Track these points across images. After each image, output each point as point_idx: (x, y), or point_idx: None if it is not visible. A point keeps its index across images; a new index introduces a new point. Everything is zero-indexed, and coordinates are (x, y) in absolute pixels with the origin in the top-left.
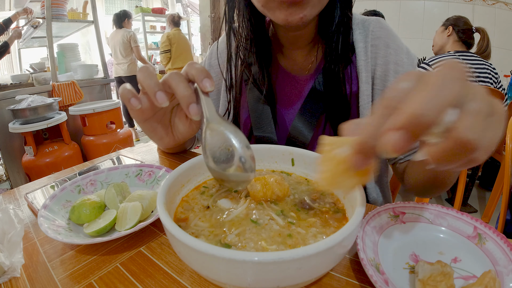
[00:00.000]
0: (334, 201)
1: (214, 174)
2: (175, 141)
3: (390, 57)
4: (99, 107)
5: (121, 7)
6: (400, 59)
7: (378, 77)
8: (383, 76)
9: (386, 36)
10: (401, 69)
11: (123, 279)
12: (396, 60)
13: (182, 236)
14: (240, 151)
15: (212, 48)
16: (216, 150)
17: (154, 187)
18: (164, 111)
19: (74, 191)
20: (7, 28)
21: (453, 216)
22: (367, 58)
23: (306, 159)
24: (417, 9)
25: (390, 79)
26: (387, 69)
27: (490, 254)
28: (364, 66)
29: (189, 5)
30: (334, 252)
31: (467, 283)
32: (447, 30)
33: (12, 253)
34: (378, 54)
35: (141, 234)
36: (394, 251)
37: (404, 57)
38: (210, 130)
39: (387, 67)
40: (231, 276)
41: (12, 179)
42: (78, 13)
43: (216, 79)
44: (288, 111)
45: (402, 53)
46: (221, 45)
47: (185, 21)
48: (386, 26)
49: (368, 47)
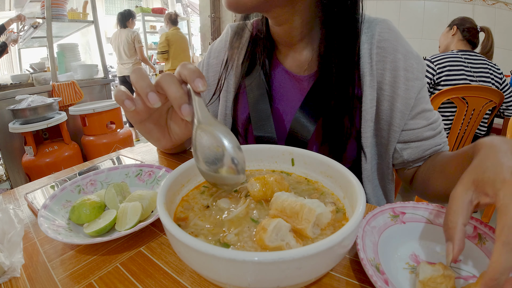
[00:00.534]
0: (334, 201)
1: (204, 175)
2: (172, 142)
3: (399, 62)
4: (99, 107)
5: (121, 7)
6: (410, 64)
7: (387, 83)
8: (392, 82)
9: (395, 39)
10: (411, 75)
11: (123, 279)
12: (406, 66)
13: (182, 236)
14: (231, 151)
15: (211, 47)
16: (206, 151)
17: (154, 187)
18: (159, 113)
19: (74, 191)
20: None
21: None
22: (372, 61)
23: (306, 159)
24: (417, 9)
25: (400, 86)
26: (396, 75)
27: (490, 254)
28: (368, 70)
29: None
30: (334, 252)
31: (466, 283)
32: (452, 30)
33: (12, 253)
34: (386, 58)
35: (141, 234)
36: (394, 251)
37: (414, 62)
38: (200, 130)
39: (396, 73)
40: (231, 276)
41: (12, 179)
42: (78, 13)
43: (215, 78)
44: (287, 110)
45: (412, 58)
46: (219, 44)
47: (185, 21)
48: (394, 28)
49: (374, 49)
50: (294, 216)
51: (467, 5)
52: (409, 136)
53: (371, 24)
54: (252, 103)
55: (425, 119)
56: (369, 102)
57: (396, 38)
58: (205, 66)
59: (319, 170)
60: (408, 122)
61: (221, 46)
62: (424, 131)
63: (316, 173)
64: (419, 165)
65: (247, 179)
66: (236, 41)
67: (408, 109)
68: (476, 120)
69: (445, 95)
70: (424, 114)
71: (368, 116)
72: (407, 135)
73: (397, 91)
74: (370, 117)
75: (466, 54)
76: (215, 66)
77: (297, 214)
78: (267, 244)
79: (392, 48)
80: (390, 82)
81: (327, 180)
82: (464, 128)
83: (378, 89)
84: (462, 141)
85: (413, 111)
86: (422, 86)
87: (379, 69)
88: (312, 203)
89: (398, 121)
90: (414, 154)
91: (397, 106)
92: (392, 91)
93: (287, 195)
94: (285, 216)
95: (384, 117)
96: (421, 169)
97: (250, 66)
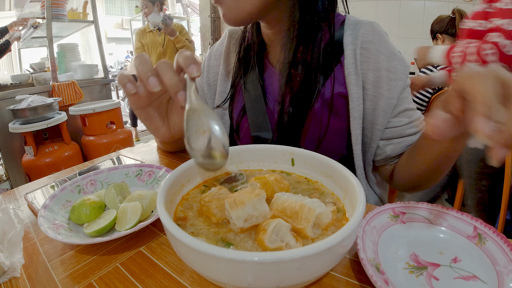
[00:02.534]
0: (334, 201)
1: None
2: (171, 133)
3: (382, 63)
4: (99, 107)
5: (121, 7)
6: (393, 66)
7: (370, 83)
8: (375, 82)
9: (378, 41)
10: (394, 76)
11: (123, 279)
12: (389, 67)
13: (182, 236)
14: (217, 135)
15: (211, 50)
16: (192, 133)
17: (154, 187)
18: (160, 101)
19: (74, 191)
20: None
21: (453, 216)
22: (356, 61)
23: (306, 159)
24: (417, 9)
25: (383, 85)
26: (379, 75)
27: (490, 254)
28: (353, 69)
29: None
30: (334, 252)
31: (466, 283)
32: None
33: (12, 253)
34: (370, 59)
35: (141, 234)
36: (394, 251)
37: (397, 63)
38: (191, 113)
39: (379, 73)
40: (231, 276)
41: (12, 179)
42: (78, 13)
43: (214, 79)
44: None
45: (395, 60)
46: (219, 47)
47: (185, 21)
48: (379, 31)
49: (358, 50)
50: (294, 216)
51: (467, 5)
52: (392, 133)
53: (356, 26)
54: (249, 104)
55: (408, 117)
56: (356, 100)
57: (380, 40)
58: (206, 68)
59: (319, 170)
60: (391, 120)
61: (220, 49)
62: (406, 128)
63: (316, 173)
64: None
65: (247, 179)
66: (233, 45)
67: (391, 108)
68: None
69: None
70: (407, 113)
71: (356, 113)
72: (390, 132)
73: (380, 90)
74: (358, 115)
75: None
76: (215, 67)
77: (297, 214)
78: (267, 245)
79: (376, 50)
80: (373, 82)
81: (327, 180)
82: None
83: (363, 88)
84: None
85: (395, 110)
86: (405, 87)
87: (364, 69)
88: (312, 203)
89: (381, 120)
90: (396, 150)
91: (379, 105)
92: (375, 90)
93: (287, 195)
94: (285, 216)
95: (367, 116)
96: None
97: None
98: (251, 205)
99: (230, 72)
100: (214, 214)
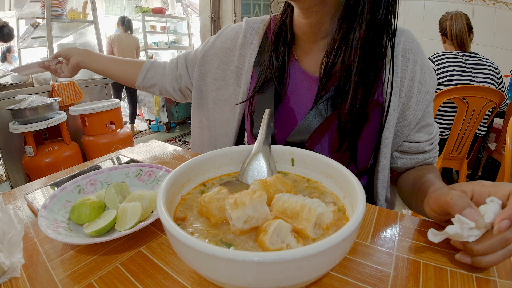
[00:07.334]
0: (334, 201)
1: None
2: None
3: (416, 74)
4: (99, 107)
5: (121, 7)
6: (424, 78)
7: (404, 91)
8: (408, 91)
9: (416, 50)
10: (424, 88)
11: (123, 279)
12: (421, 79)
13: (182, 236)
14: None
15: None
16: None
17: (154, 187)
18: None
19: (74, 191)
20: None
21: None
22: (397, 69)
23: (306, 159)
24: (417, 9)
25: (413, 96)
26: (412, 85)
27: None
28: (395, 76)
29: (189, 5)
30: (334, 252)
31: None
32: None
33: (12, 253)
34: (407, 67)
35: (141, 234)
36: None
37: (428, 77)
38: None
39: (413, 83)
40: (231, 276)
41: (12, 179)
42: (78, 13)
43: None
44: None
45: (427, 73)
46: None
47: (185, 21)
48: (416, 40)
49: (399, 57)
50: (294, 216)
51: (467, 5)
52: (410, 148)
53: (397, 32)
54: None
55: (428, 134)
56: (393, 108)
57: (418, 49)
58: (211, 43)
59: (319, 170)
60: (413, 134)
61: (232, 34)
62: (424, 145)
63: (316, 173)
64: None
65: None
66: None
67: (415, 120)
68: (476, 120)
69: (446, 95)
70: (428, 128)
71: (391, 122)
72: (409, 146)
73: (410, 100)
74: (392, 123)
75: (465, 55)
76: (219, 49)
77: (297, 215)
78: (268, 246)
79: (413, 59)
80: (406, 90)
81: (327, 180)
82: (464, 128)
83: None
84: (462, 141)
85: (419, 124)
86: (431, 101)
87: (402, 77)
88: (312, 203)
89: (404, 130)
90: (407, 164)
91: (406, 115)
92: (406, 100)
93: (288, 196)
94: (286, 217)
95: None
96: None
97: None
98: (252, 206)
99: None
100: (213, 215)
